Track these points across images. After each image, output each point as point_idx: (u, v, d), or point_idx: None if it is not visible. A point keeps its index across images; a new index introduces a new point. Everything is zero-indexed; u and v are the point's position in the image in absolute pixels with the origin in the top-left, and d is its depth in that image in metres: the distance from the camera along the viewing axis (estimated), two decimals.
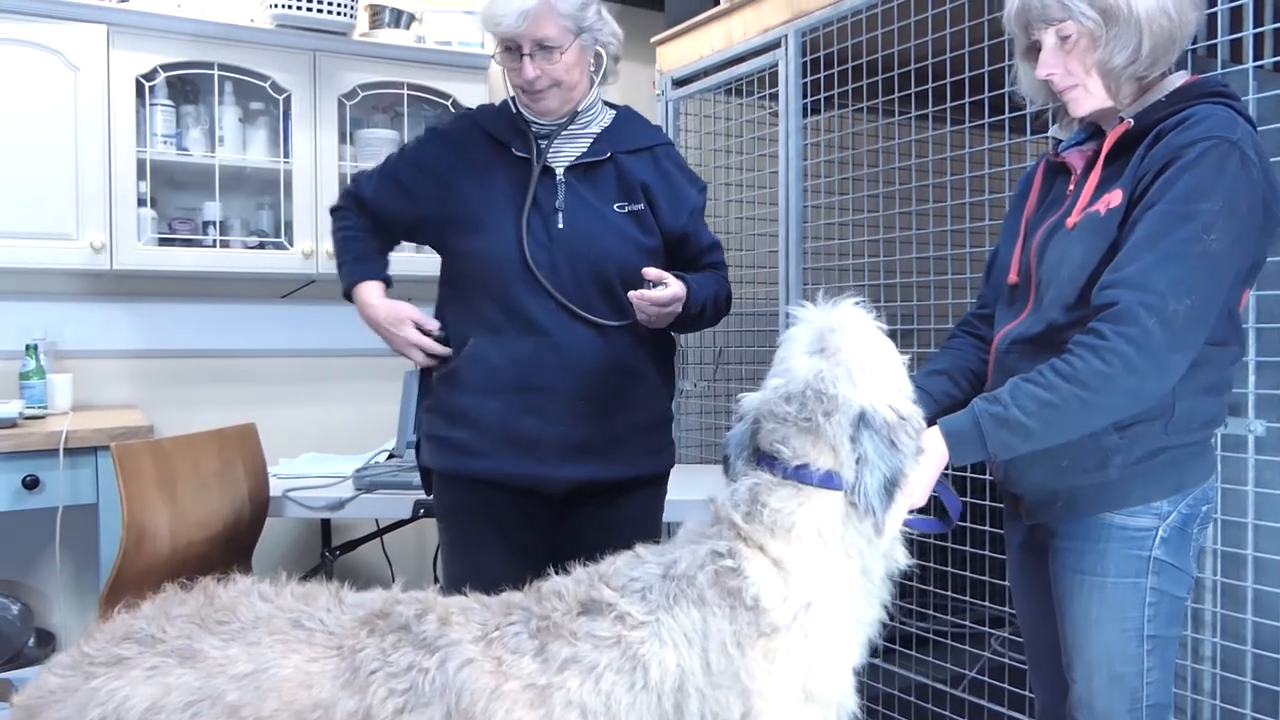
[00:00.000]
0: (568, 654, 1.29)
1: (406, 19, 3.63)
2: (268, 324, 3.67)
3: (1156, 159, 1.50)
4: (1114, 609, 1.60)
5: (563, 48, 1.97)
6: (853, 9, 2.88)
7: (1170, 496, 1.59)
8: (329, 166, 3.40)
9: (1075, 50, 1.57)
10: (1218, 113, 1.50)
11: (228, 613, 1.33)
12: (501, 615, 1.36)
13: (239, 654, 1.28)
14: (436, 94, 3.60)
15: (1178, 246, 1.44)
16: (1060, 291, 1.59)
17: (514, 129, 2.07)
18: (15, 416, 2.85)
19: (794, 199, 3.16)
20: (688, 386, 3.77)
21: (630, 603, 1.34)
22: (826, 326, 1.46)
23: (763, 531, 1.38)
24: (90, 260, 3.09)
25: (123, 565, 2.35)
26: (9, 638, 3.05)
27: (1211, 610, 2.10)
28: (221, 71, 3.27)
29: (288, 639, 1.30)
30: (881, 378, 1.44)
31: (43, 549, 3.11)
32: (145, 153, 3.18)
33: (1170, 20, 1.53)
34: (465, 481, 2.05)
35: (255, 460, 2.74)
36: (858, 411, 1.39)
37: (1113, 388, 1.44)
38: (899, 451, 1.39)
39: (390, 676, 1.27)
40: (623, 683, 1.28)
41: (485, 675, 1.28)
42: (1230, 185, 1.45)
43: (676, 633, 1.31)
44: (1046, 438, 1.49)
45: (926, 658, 2.83)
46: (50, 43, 3.00)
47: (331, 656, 1.29)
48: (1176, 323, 1.43)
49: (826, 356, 1.43)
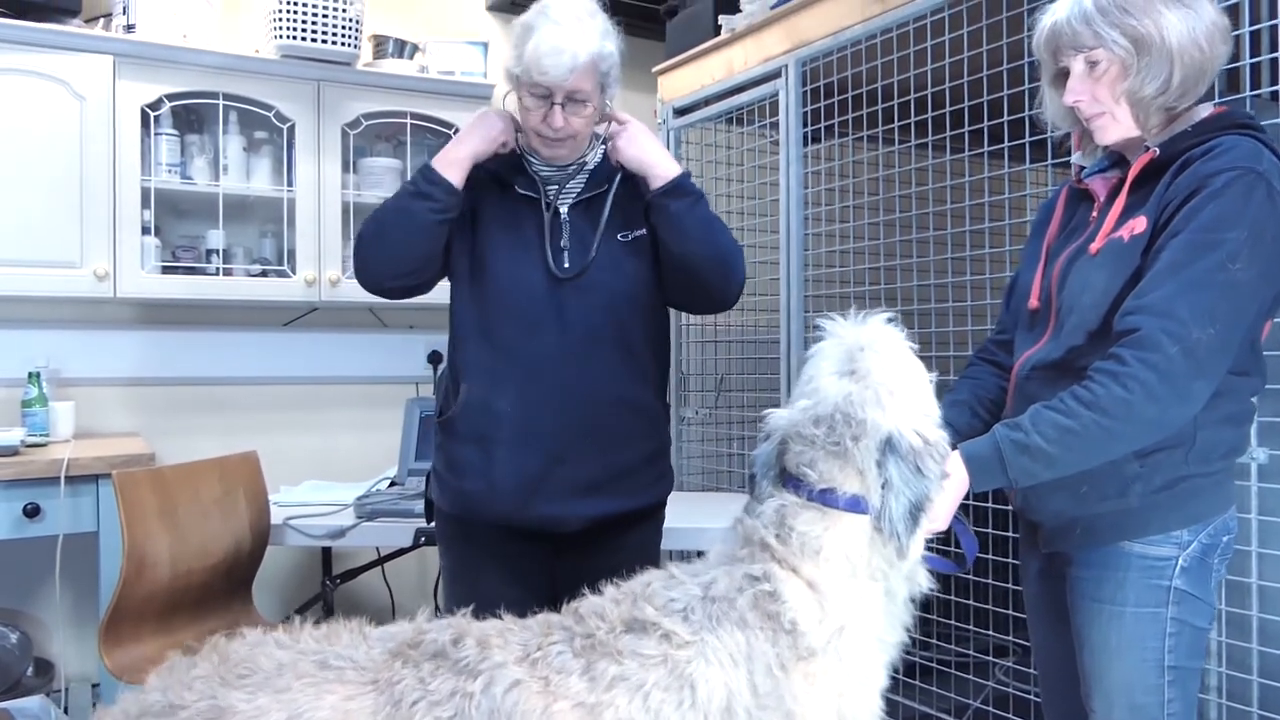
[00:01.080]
0: (615, 672, 1.28)
1: (410, 49, 3.66)
2: (270, 352, 3.68)
3: (1182, 187, 1.49)
4: (1134, 639, 1.58)
5: (592, 102, 1.96)
6: (852, 39, 2.90)
7: (1190, 526, 1.57)
8: (332, 195, 3.42)
9: (1105, 78, 1.56)
10: (1243, 144, 1.49)
11: (247, 665, 1.28)
12: (541, 635, 1.34)
13: (268, 703, 1.23)
14: (439, 123, 3.62)
15: (1202, 275, 1.43)
16: (1082, 317, 1.57)
17: (512, 165, 2.05)
18: (17, 444, 2.85)
19: (795, 226, 3.18)
20: (689, 413, 3.77)
21: (674, 622, 1.33)
22: (856, 345, 1.46)
23: (795, 555, 1.39)
24: (94, 288, 3.10)
25: (123, 594, 2.35)
26: (8, 667, 3.04)
27: (1217, 639, 2.09)
28: (226, 101, 3.29)
29: (318, 681, 1.26)
30: (910, 401, 1.43)
31: (43, 577, 3.10)
32: (150, 181, 3.19)
33: (1202, 52, 1.52)
34: (476, 525, 2.03)
35: (256, 489, 2.74)
36: (884, 436, 1.39)
37: (1134, 415, 1.43)
38: (924, 478, 1.39)
39: (433, 705, 1.24)
40: (671, 700, 1.27)
41: (534, 696, 1.26)
42: (1256, 215, 1.44)
43: (722, 653, 1.31)
44: (1068, 465, 1.49)
45: (930, 687, 2.81)
46: (57, 73, 3.03)
47: (368, 693, 1.25)
48: (1199, 351, 1.42)
49: (856, 379, 1.42)
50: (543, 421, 1.95)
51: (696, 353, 3.76)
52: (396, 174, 3.60)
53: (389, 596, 3.54)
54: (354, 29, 3.36)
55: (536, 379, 1.96)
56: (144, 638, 2.43)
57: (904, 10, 2.72)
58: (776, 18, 3.20)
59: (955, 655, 2.77)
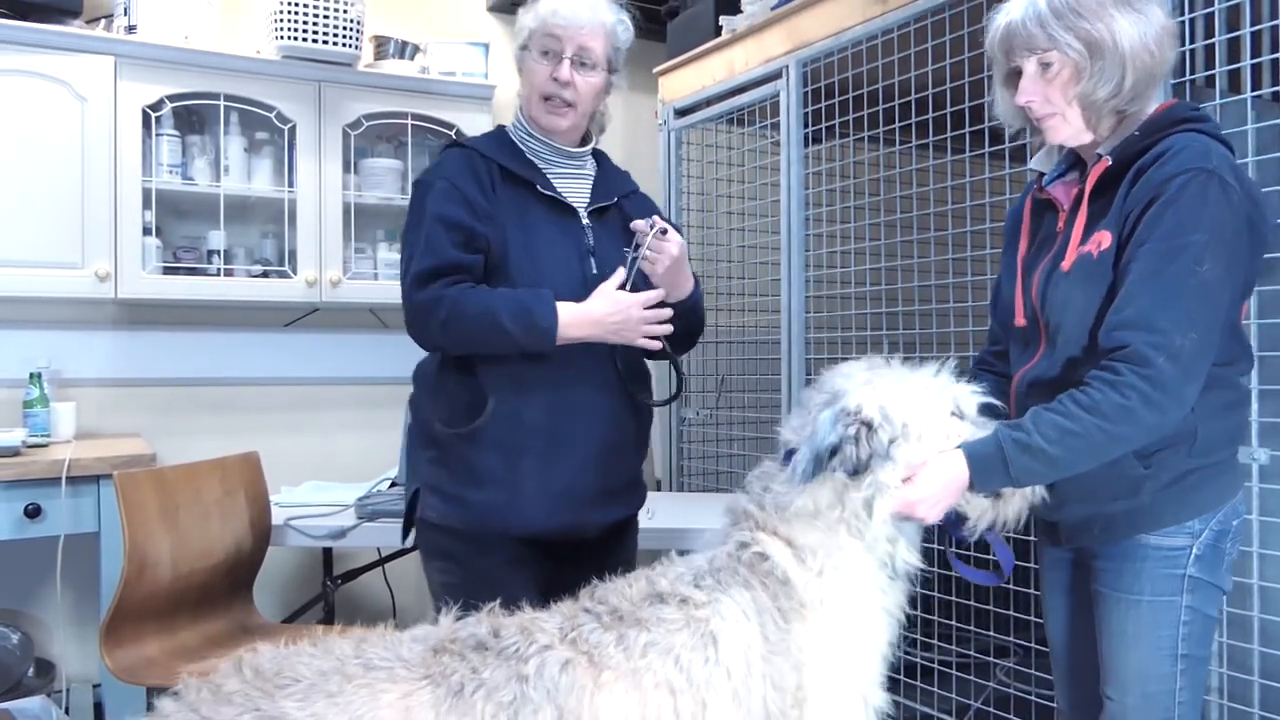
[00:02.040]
0: (646, 639, 1.39)
1: (411, 50, 3.66)
2: (271, 352, 3.68)
3: (1139, 197, 1.53)
4: (1149, 627, 1.62)
5: (600, 69, 1.99)
6: (853, 40, 2.90)
7: (1202, 515, 1.62)
8: (333, 195, 3.42)
9: (1057, 80, 1.59)
10: (1192, 143, 1.53)
11: (285, 675, 1.26)
12: (568, 619, 1.43)
13: (325, 708, 1.23)
14: (440, 124, 3.62)
15: (1173, 282, 1.48)
16: (1070, 335, 1.62)
17: (525, 163, 2.02)
18: (18, 445, 2.85)
19: (796, 227, 3.18)
20: (690, 414, 3.77)
21: (689, 589, 1.46)
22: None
23: (771, 517, 1.53)
24: (95, 289, 3.10)
25: (124, 594, 2.34)
26: (9, 667, 3.04)
27: (1218, 640, 2.09)
28: (227, 102, 3.29)
29: (369, 681, 1.26)
30: (902, 397, 1.53)
31: (43, 578, 3.10)
32: (151, 182, 3.19)
33: (1152, 56, 1.57)
34: (491, 537, 1.95)
35: (257, 489, 2.74)
36: (833, 393, 1.54)
37: (1132, 420, 1.48)
38: (845, 435, 1.48)
39: (492, 691, 1.29)
40: (698, 658, 1.39)
41: (584, 671, 1.35)
42: (1214, 214, 1.49)
43: (735, 610, 1.44)
44: (1069, 465, 1.53)
45: (931, 688, 2.81)
46: (59, 74, 3.03)
47: (424, 687, 1.28)
48: (1185, 356, 1.47)
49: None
50: (574, 431, 1.94)
51: (697, 353, 3.76)
52: (397, 174, 3.60)
53: (390, 597, 3.54)
54: (355, 30, 3.36)
55: (568, 387, 1.93)
56: (145, 638, 2.43)
57: (904, 11, 2.72)
58: (777, 19, 3.20)
59: (956, 656, 2.77)
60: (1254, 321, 2.02)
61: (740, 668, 1.40)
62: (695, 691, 1.37)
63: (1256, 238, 1.57)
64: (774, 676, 1.42)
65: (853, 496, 1.51)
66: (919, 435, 1.53)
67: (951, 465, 1.52)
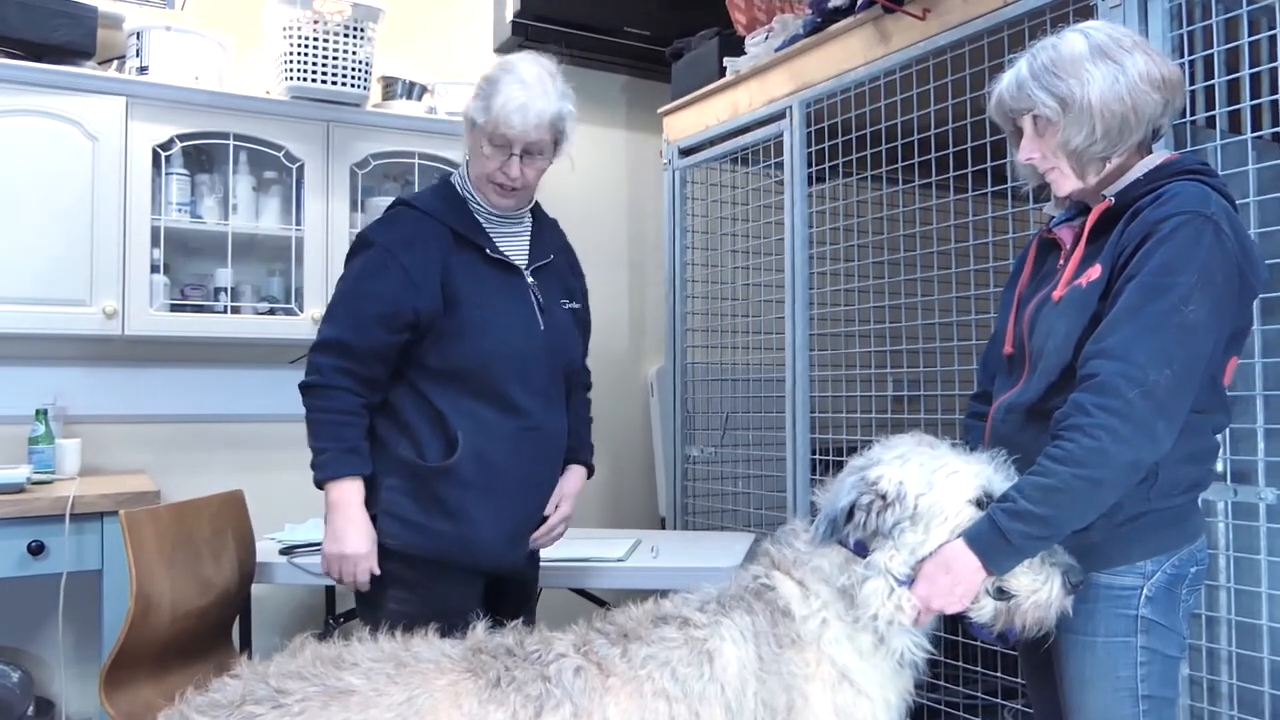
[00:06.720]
0: (646, 652, 1.54)
1: (419, 90, 3.70)
2: (277, 389, 3.68)
3: (1134, 234, 1.56)
4: (1105, 668, 1.62)
5: (546, 156, 2.14)
6: (855, 81, 2.93)
7: (1154, 556, 1.62)
8: (340, 233, 3.44)
9: (1046, 135, 1.68)
10: (1190, 189, 1.56)
11: (345, 659, 1.47)
12: (580, 636, 1.59)
13: (385, 684, 1.43)
14: (447, 163, 3.65)
15: (1156, 318, 1.49)
16: (1048, 362, 1.64)
17: (473, 224, 2.16)
18: (23, 481, 2.85)
19: (800, 266, 3.19)
20: (695, 452, 3.76)
21: (691, 612, 1.61)
22: None
23: (788, 562, 1.66)
24: (102, 326, 3.11)
25: (129, 636, 2.30)
26: (9, 705, 3.02)
27: (1228, 682, 2.06)
28: (236, 141, 3.33)
29: (421, 670, 1.47)
30: (924, 479, 1.59)
31: (45, 615, 3.09)
32: (160, 220, 3.22)
33: (1123, 104, 1.61)
34: (450, 566, 2.10)
35: (243, 528, 2.69)
36: (868, 461, 1.65)
37: (1107, 460, 1.48)
38: (864, 505, 1.58)
39: (522, 685, 1.48)
40: (694, 673, 1.53)
41: (595, 676, 1.52)
42: (1205, 258, 1.50)
43: (734, 631, 1.57)
44: (1063, 522, 1.53)
45: None
46: (70, 114, 3.07)
47: (468, 678, 1.48)
48: (1158, 392, 1.48)
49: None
50: (538, 472, 2.18)
51: (702, 391, 3.76)
52: None
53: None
54: (364, 71, 3.40)
55: (530, 432, 2.13)
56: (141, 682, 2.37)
57: (907, 53, 2.75)
58: (780, 60, 3.23)
59: (964, 697, 2.74)
60: (1259, 361, 2.02)
61: (734, 683, 1.52)
62: (689, 701, 1.51)
63: (1246, 290, 1.58)
64: (765, 695, 1.53)
65: (855, 570, 1.60)
66: (927, 524, 1.57)
67: (955, 554, 1.55)
